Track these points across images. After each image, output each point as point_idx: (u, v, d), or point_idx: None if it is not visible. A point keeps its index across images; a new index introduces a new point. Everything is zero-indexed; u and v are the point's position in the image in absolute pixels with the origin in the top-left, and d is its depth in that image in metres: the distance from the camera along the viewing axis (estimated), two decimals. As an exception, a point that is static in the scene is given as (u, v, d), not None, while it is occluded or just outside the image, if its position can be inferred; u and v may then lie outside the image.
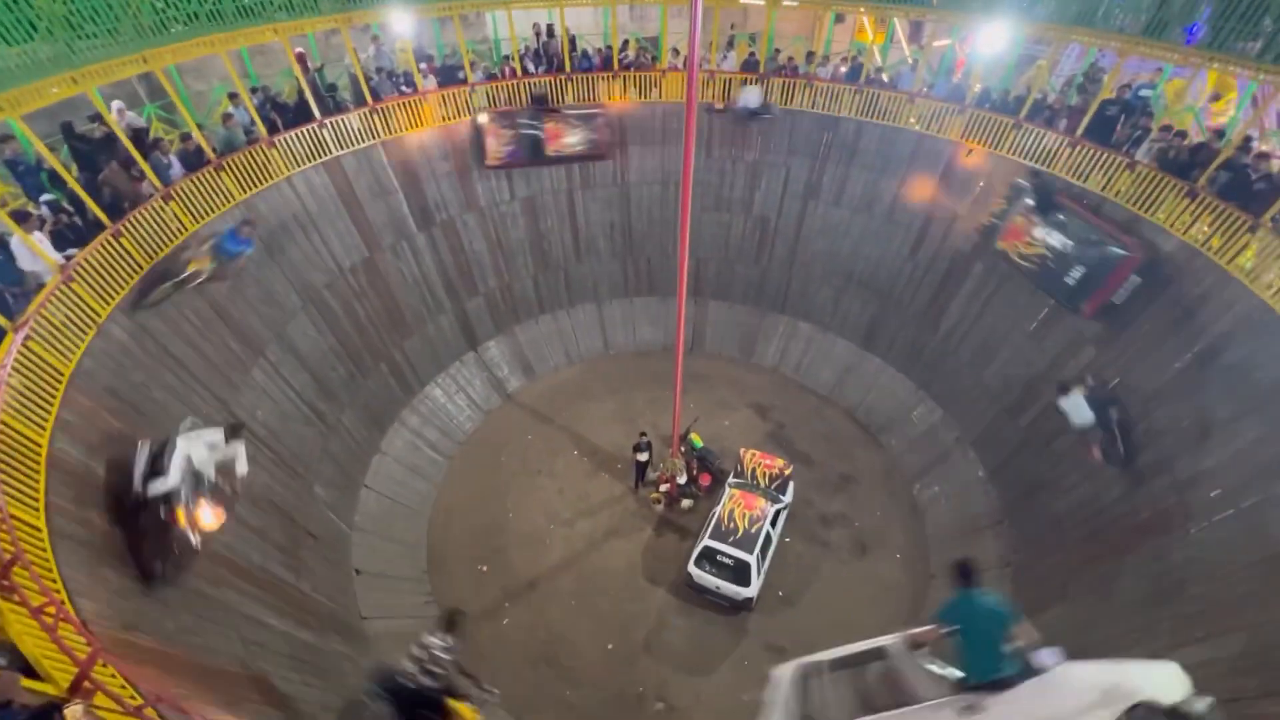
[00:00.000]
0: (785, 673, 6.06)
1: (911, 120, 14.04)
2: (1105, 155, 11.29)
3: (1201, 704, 4.15)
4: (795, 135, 15.27)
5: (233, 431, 8.10)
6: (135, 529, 6.72)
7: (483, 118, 13.89)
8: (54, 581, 5.17)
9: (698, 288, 17.10)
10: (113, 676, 4.13)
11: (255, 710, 6.27)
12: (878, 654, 5.52)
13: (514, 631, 11.49)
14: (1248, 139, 10.21)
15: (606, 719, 10.50)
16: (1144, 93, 11.86)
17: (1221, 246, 9.53)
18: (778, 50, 15.47)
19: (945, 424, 14.28)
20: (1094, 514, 10.25)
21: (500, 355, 16.22)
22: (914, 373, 15.14)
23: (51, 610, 4.23)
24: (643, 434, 13.44)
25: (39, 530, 5.54)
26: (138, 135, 9.89)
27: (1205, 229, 9.85)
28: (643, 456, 13.46)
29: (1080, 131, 11.68)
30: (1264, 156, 9.97)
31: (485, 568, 12.44)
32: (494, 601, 11.94)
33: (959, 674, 4.80)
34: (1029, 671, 4.42)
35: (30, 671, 4.01)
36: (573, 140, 14.81)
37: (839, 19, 21.16)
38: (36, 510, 5.73)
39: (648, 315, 17.56)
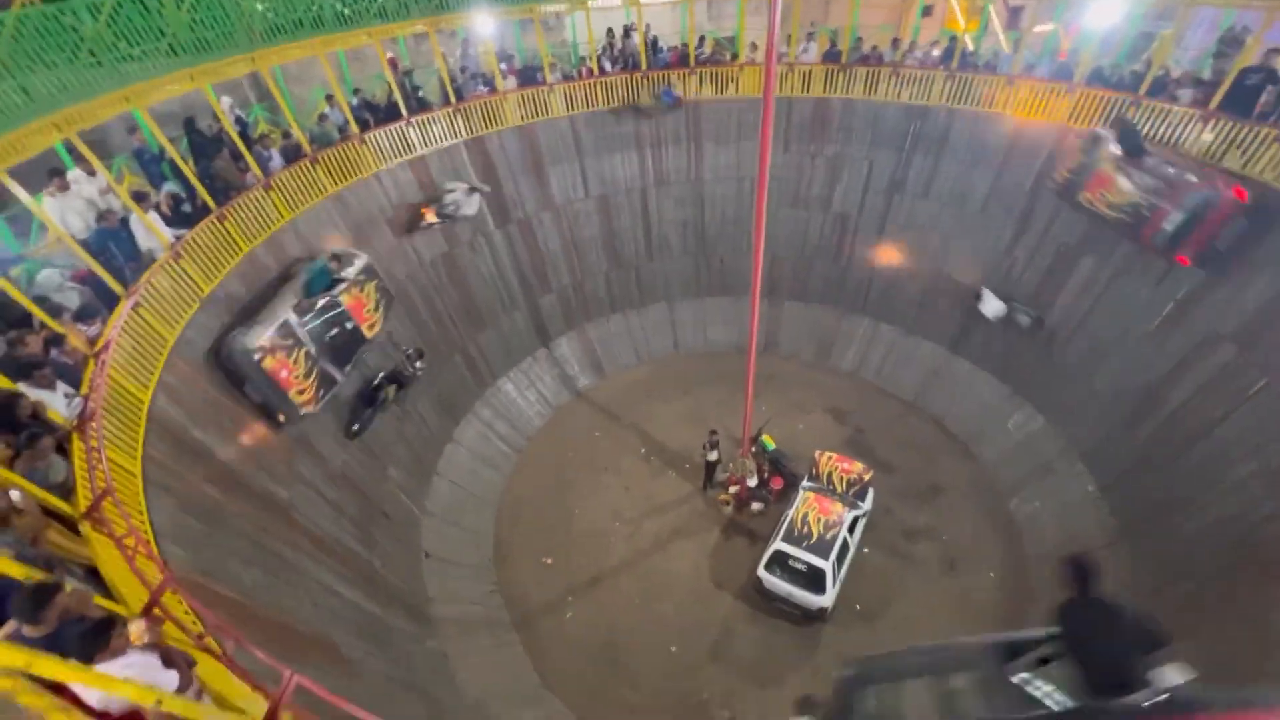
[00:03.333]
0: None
1: (1010, 105, 13.03)
2: (1246, 129, 9.95)
3: None
4: (879, 127, 14.57)
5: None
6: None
7: None
8: (142, 519, 5.44)
9: (773, 287, 16.54)
10: (180, 605, 4.23)
11: (316, 666, 6.34)
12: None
13: (576, 628, 11.26)
14: None
15: (667, 725, 10.04)
16: (1298, 57, 10.37)
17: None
18: (860, 39, 14.88)
19: (1047, 434, 12.93)
20: (1238, 536, 8.84)
21: (571, 352, 16.29)
22: (1010, 378, 13.87)
23: (131, 541, 4.38)
24: (713, 432, 13.00)
25: (134, 475, 5.87)
26: (245, 132, 10.66)
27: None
28: (712, 456, 13.00)
29: (1214, 104, 10.38)
30: None
31: (550, 560, 12.34)
32: (557, 596, 11.79)
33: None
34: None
35: (108, 595, 4.16)
36: None
37: (927, 10, 20.24)
38: (134, 458, 6.09)
39: (720, 315, 17.15)
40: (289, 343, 8.89)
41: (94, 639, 3.07)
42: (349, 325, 10.12)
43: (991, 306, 13.18)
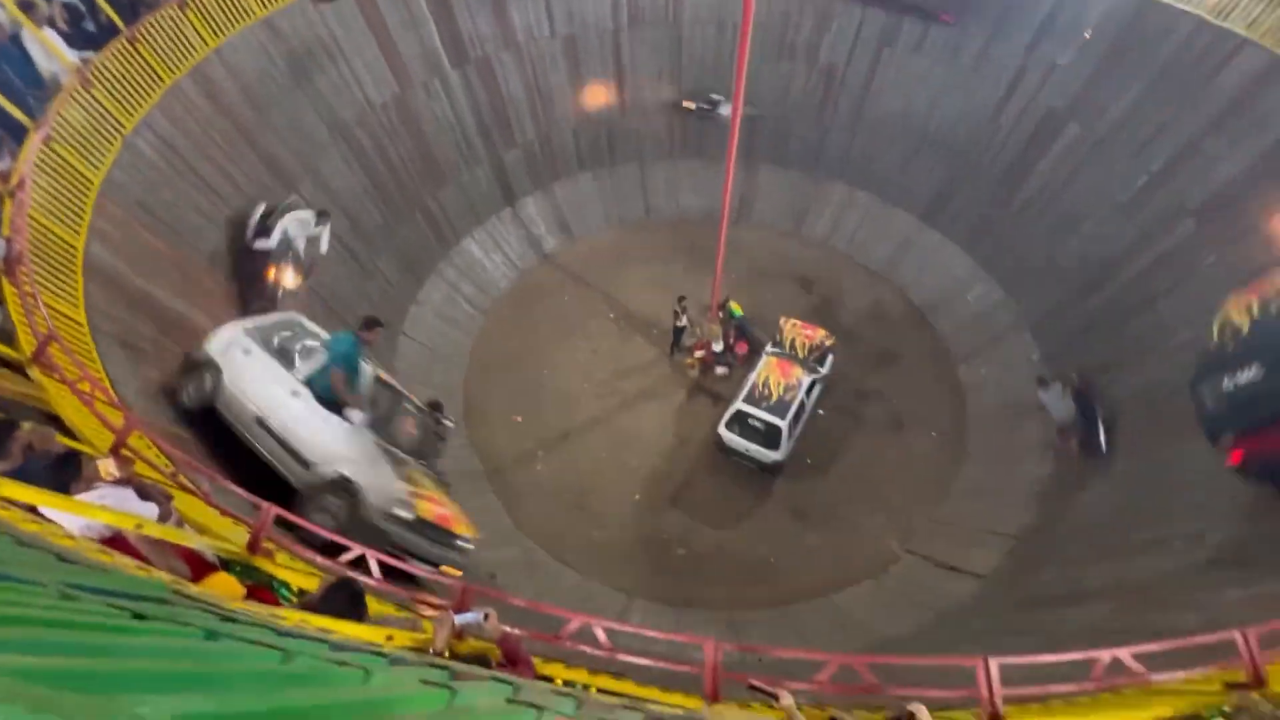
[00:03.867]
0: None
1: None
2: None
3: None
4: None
5: (321, 216, 9.70)
6: (240, 272, 8.93)
7: None
8: (96, 368, 5.29)
9: (750, 150, 15.64)
10: (148, 447, 4.25)
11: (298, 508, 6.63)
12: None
13: (546, 477, 11.95)
14: None
15: (630, 557, 11.09)
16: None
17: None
18: None
19: (1004, 306, 13.38)
20: (1162, 400, 9.59)
21: (538, 212, 15.63)
22: (978, 250, 14.00)
23: (86, 385, 4.28)
24: (681, 298, 13.02)
25: (79, 324, 5.62)
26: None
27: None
28: (680, 322, 13.13)
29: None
30: None
31: (519, 418, 12.76)
32: (528, 450, 12.35)
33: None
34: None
35: (70, 437, 4.13)
36: None
37: None
38: (76, 306, 5.80)
39: (692, 180, 16.44)
40: None
41: (63, 470, 3.07)
42: None
43: (1061, 409, 10.50)
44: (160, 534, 2.93)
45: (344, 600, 3.03)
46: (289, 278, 9.13)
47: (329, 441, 6.27)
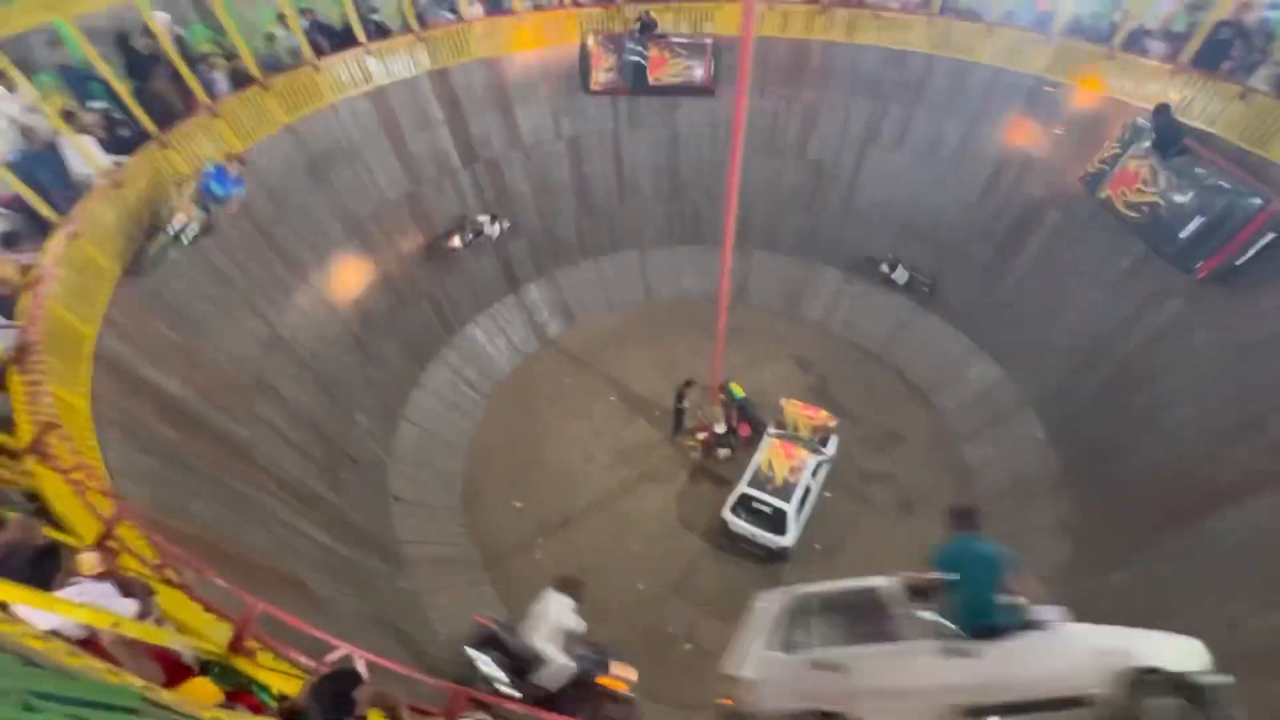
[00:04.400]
0: (774, 600, 5.89)
1: (988, 53, 12.87)
2: (1213, 84, 10.06)
3: (1215, 679, 3.73)
4: (858, 72, 14.28)
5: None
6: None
7: (590, 40, 13.81)
8: (94, 456, 5.25)
9: (744, 237, 16.15)
10: (137, 538, 4.14)
11: (284, 601, 6.35)
12: (872, 595, 5.15)
13: (546, 566, 11.49)
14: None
15: (635, 656, 10.43)
16: (1271, 13, 10.45)
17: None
18: (843, -22, 14.37)
19: (1003, 384, 13.40)
20: (1172, 477, 9.41)
21: (541, 299, 16.04)
22: (973, 330, 14.21)
23: (81, 475, 4.23)
24: (688, 381, 13.03)
25: (81, 411, 5.64)
26: (185, 51, 9.85)
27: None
28: (683, 403, 13.12)
29: (1186, 59, 10.43)
30: None
31: (519, 504, 12.47)
32: (527, 536, 11.99)
33: (949, 624, 4.49)
34: (1025, 625, 4.15)
35: (57, 529, 4.04)
36: (675, 71, 14.47)
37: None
38: (81, 395, 5.84)
39: (692, 264, 17.00)
40: None
41: (44, 563, 2.98)
42: None
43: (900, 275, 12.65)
44: (138, 633, 2.80)
45: (329, 699, 2.85)
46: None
47: None
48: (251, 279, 9.74)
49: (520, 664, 6.55)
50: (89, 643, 3.02)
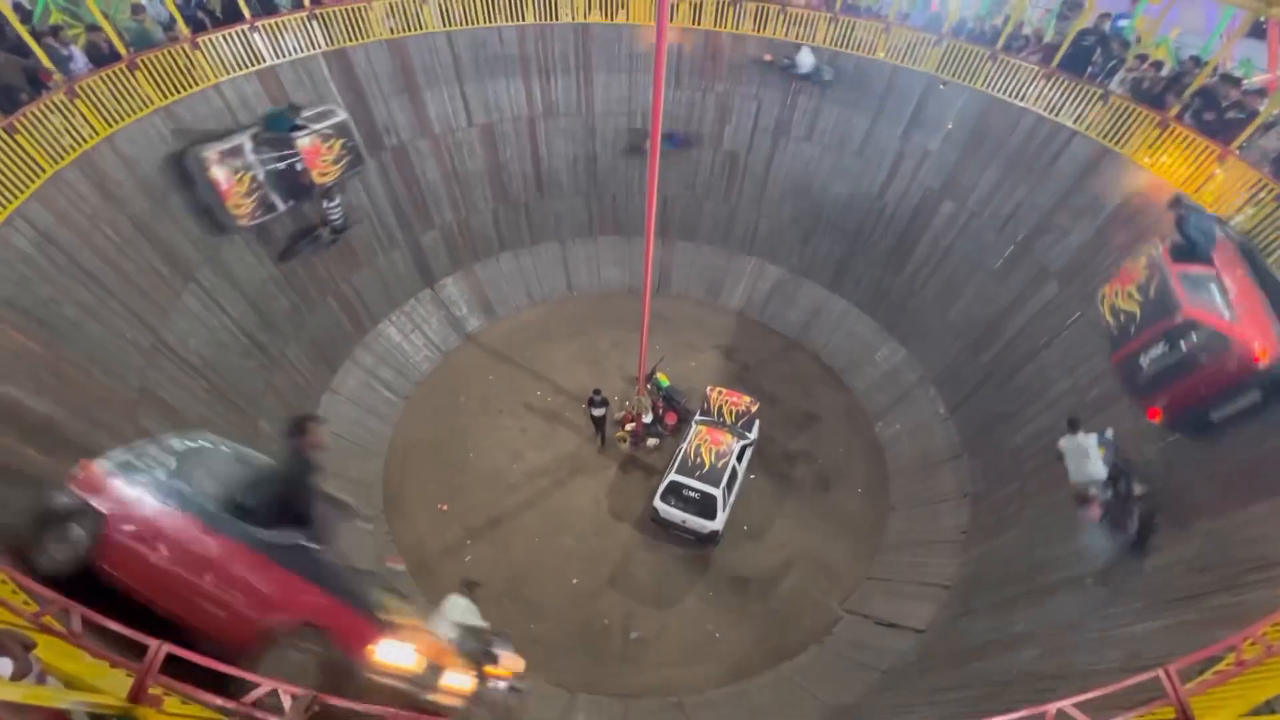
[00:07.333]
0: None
1: (886, 52, 13.59)
2: (1079, 87, 11.14)
3: None
4: (768, 65, 14.65)
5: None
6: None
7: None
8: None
9: (664, 227, 16.48)
10: (5, 584, 3.62)
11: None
12: None
13: (477, 568, 11.21)
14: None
15: (573, 650, 10.46)
16: (1121, 23, 11.68)
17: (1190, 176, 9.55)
18: (750, -28, 14.67)
19: (908, 364, 14.37)
20: (1052, 442, 10.45)
21: (458, 293, 15.49)
22: (879, 314, 15.11)
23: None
24: (596, 391, 12.74)
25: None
26: (29, 22, 8.66)
27: (1171, 160, 9.86)
28: (598, 412, 12.85)
29: (1055, 63, 11.48)
30: (1232, 81, 9.96)
31: (445, 506, 12.07)
32: (456, 539, 11.65)
33: None
34: None
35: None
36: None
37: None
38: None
39: (613, 255, 16.99)
40: (237, 162, 9.93)
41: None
42: (299, 167, 10.69)
43: (1088, 467, 8.21)
44: (18, 696, 2.46)
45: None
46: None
47: None
48: (128, 280, 8.74)
49: None
50: (-46, 713, 2.63)
